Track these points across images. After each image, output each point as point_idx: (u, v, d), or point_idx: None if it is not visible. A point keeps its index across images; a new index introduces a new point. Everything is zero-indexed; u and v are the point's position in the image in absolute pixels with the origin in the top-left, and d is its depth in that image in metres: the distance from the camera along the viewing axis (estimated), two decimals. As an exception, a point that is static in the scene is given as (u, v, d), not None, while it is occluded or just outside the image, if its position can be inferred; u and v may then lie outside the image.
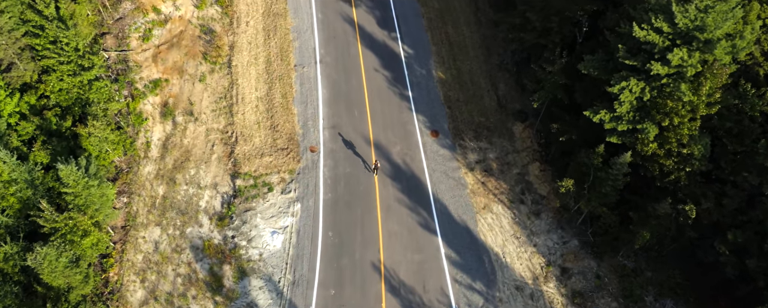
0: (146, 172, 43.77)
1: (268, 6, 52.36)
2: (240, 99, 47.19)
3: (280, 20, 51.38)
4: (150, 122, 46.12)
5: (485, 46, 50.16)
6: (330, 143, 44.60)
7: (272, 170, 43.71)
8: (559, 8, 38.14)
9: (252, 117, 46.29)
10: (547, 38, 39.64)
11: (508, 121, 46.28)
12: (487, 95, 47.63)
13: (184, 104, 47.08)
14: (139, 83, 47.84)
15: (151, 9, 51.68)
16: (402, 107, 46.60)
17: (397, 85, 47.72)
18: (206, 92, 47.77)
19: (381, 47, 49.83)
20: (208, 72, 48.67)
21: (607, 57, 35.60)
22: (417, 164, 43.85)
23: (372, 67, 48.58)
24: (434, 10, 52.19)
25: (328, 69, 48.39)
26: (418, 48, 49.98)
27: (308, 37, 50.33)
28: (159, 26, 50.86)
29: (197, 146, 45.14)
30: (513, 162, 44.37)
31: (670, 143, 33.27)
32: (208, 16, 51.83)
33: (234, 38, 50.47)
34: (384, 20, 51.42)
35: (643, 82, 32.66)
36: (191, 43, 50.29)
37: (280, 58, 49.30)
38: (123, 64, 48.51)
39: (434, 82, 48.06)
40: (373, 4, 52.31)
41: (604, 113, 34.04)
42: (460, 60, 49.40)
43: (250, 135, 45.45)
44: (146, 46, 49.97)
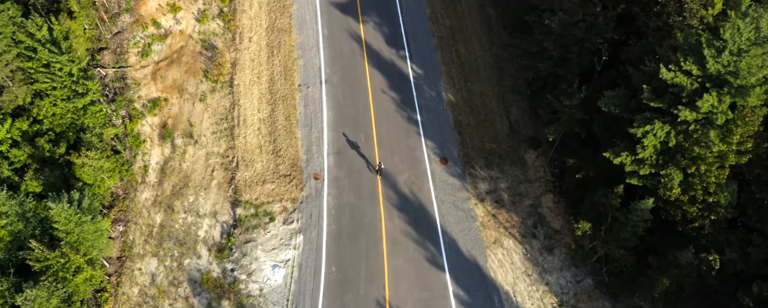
0: (143, 198, 42.13)
1: (272, 21, 50.33)
2: (241, 121, 45.38)
3: (284, 36, 49.38)
4: (148, 144, 44.41)
5: (498, 66, 48.08)
6: (335, 170, 42.81)
7: (274, 198, 42.00)
8: (579, 38, 36.05)
9: (254, 141, 44.51)
10: (564, 68, 37.61)
11: (521, 148, 44.34)
12: (499, 120, 45.66)
13: (183, 126, 45.32)
14: (138, 102, 46.06)
15: (150, 22, 49.77)
16: (410, 132, 44.71)
17: (405, 108, 45.79)
18: (207, 112, 45.96)
19: (389, 67, 47.83)
20: (208, 91, 46.83)
21: (628, 93, 33.60)
22: (425, 194, 42.05)
23: (379, 88, 46.62)
24: (445, 28, 50.05)
25: (334, 90, 46.47)
26: (427, 68, 47.96)
27: (313, 55, 48.35)
28: (159, 41, 48.96)
29: (197, 171, 43.44)
30: (525, 193, 42.51)
31: (695, 190, 31.36)
32: (210, 30, 49.87)
33: (236, 55, 48.55)
34: (392, 38, 49.35)
35: (669, 125, 30.67)
36: (192, 59, 48.41)
37: (283, 77, 47.37)
38: (121, 82, 46.72)
39: (444, 105, 46.10)
40: (381, 21, 50.22)
41: (625, 156, 32.10)
42: (471, 81, 47.37)
43: (252, 160, 43.69)
44: (145, 63, 48.13)
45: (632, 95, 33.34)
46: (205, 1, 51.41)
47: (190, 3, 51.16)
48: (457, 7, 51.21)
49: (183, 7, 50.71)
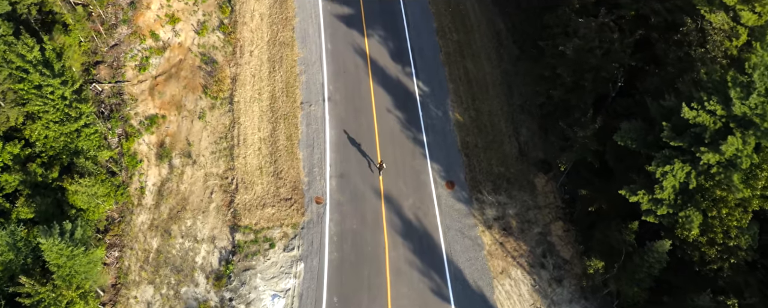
0: (140, 222, 40.83)
1: (273, 34, 48.66)
2: (241, 140, 43.91)
3: (286, 50, 47.74)
4: (145, 164, 43.03)
5: (507, 83, 46.38)
6: (337, 194, 41.38)
7: (274, 223, 40.63)
8: (594, 65, 34.35)
9: (254, 161, 43.06)
10: (577, 96, 35.95)
11: (530, 172, 42.79)
12: (507, 141, 44.07)
13: (181, 145, 43.89)
14: (135, 119, 44.62)
15: (148, 34, 48.20)
16: (415, 154, 43.19)
17: (410, 128, 44.23)
18: (206, 130, 44.49)
19: (394, 84, 46.20)
20: (208, 108, 45.33)
21: (646, 126, 31.96)
22: (430, 221, 40.62)
23: (384, 106, 45.04)
24: (453, 43, 48.31)
25: (337, 108, 44.91)
26: (434, 85, 46.30)
27: (316, 70, 46.73)
28: (157, 54, 47.42)
29: (195, 193, 42.07)
30: (534, 220, 41.03)
31: (714, 233, 29.84)
32: (210, 43, 48.27)
33: (237, 70, 46.97)
34: (398, 53, 47.67)
35: (689, 165, 29.07)
36: (191, 74, 46.87)
37: (285, 94, 45.81)
38: (117, 98, 45.25)
39: (451, 124, 44.50)
40: (386, 35, 48.50)
41: (642, 195, 30.55)
42: (479, 100, 45.72)
43: (252, 182, 42.29)
44: (143, 77, 46.63)
45: (650, 127, 31.72)
46: (205, 11, 49.77)
47: (189, 14, 49.53)
48: (466, 20, 49.44)
49: (182, 18, 49.10)
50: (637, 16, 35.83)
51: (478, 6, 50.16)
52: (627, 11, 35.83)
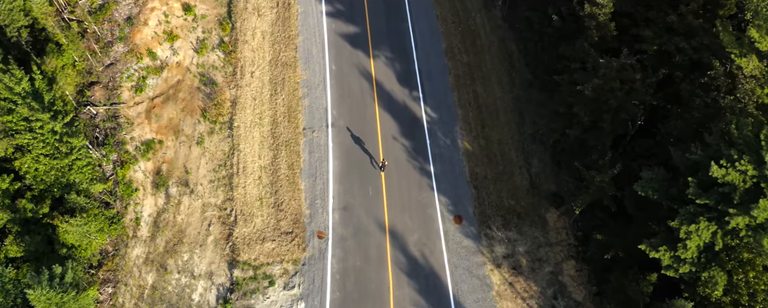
0: (135, 256, 39.28)
1: (275, 53, 46.69)
2: (241, 168, 42.17)
3: (288, 72, 45.80)
4: (140, 193, 41.38)
5: (518, 110, 44.40)
6: (340, 229, 39.70)
7: (275, 259, 39.03)
8: (615, 106, 32.37)
9: (254, 192, 41.35)
10: (595, 136, 34.00)
11: (541, 206, 40.97)
12: (518, 172, 42.21)
13: (179, 172, 42.19)
14: (130, 144, 42.90)
15: (146, 53, 46.31)
16: (422, 185, 41.39)
17: (417, 157, 42.39)
18: (204, 157, 42.76)
19: (401, 109, 44.27)
20: (206, 133, 43.56)
21: (669, 176, 30.06)
22: (437, 258, 38.96)
23: (390, 133, 43.16)
24: (463, 65, 46.25)
25: (341, 135, 43.06)
26: (442, 111, 44.36)
27: (320, 93, 44.81)
28: (154, 74, 45.59)
29: (192, 225, 40.45)
30: (545, 258, 39.32)
31: (739, 294, 28.06)
32: (209, 63, 46.36)
33: (237, 92, 45.09)
34: (405, 75, 45.66)
35: (715, 224, 27.22)
36: (189, 96, 45.03)
37: (287, 118, 43.96)
38: (112, 122, 43.49)
39: (460, 154, 42.63)
40: (393, 56, 46.47)
41: (663, 251, 28.74)
42: (489, 127, 43.79)
43: (251, 214, 40.61)
44: (139, 99, 44.82)
45: (673, 178, 29.82)
46: (205, 28, 47.79)
47: (188, 31, 47.57)
48: (476, 41, 47.33)
49: (181, 36, 47.16)
50: (659, 52, 33.76)
51: (489, 25, 48.01)
52: (649, 46, 33.75)
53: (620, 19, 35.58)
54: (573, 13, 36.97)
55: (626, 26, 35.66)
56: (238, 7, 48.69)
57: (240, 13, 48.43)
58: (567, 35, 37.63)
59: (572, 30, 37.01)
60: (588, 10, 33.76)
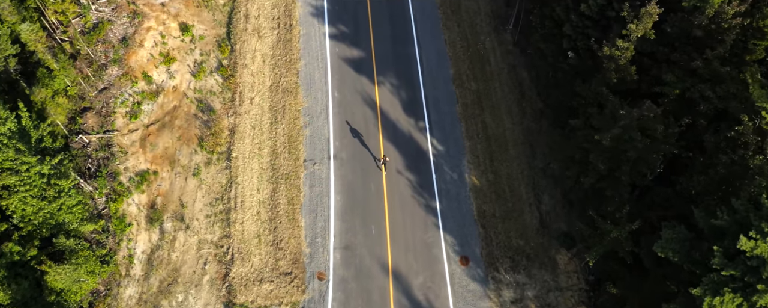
0: (127, 296, 37.75)
1: (276, 78, 44.77)
2: (239, 203, 40.46)
3: (289, 99, 43.90)
4: (134, 228, 39.77)
5: (529, 142, 42.47)
6: (341, 270, 38.07)
7: (272, 301, 37.45)
8: (634, 157, 30.45)
9: (252, 228, 39.68)
10: (611, 186, 32.11)
11: (552, 247, 39.21)
12: (528, 210, 40.40)
13: (174, 206, 40.52)
14: (124, 175, 41.21)
15: (141, 76, 44.47)
16: (427, 224, 39.66)
17: (423, 193, 40.59)
18: (200, 190, 41.05)
19: (406, 140, 42.40)
20: (203, 164, 41.81)
21: (691, 236, 28.22)
22: (442, 303, 37.31)
23: (395, 167, 41.34)
24: (471, 93, 44.25)
25: (344, 168, 41.27)
26: (449, 143, 42.47)
27: (322, 123, 42.93)
28: (149, 100, 43.77)
29: (187, 263, 38.86)
30: (555, 304, 37.63)
31: (765, 369, 26.30)
32: (207, 87, 44.49)
33: (235, 120, 43.26)
34: (411, 104, 43.72)
35: (741, 296, 25.44)
36: (186, 123, 43.23)
37: (287, 149, 42.14)
38: (105, 151, 41.77)
39: (467, 190, 40.81)
40: (399, 83, 44.49)
41: (685, 321, 27.02)
42: (498, 160, 41.91)
43: (249, 252, 38.98)
44: (134, 126, 43.06)
45: (695, 239, 27.99)
46: (203, 50, 45.86)
47: (185, 53, 45.66)
48: (486, 67, 45.31)
49: (178, 58, 45.27)
50: (682, 96, 31.75)
51: (499, 50, 45.93)
52: (671, 89, 31.74)
53: (641, 58, 33.54)
54: (590, 48, 34.90)
55: (647, 66, 33.63)
56: (237, 27, 46.72)
57: (239, 34, 46.46)
58: (583, 72, 35.62)
59: (589, 67, 34.98)
60: (607, 51, 31.71)
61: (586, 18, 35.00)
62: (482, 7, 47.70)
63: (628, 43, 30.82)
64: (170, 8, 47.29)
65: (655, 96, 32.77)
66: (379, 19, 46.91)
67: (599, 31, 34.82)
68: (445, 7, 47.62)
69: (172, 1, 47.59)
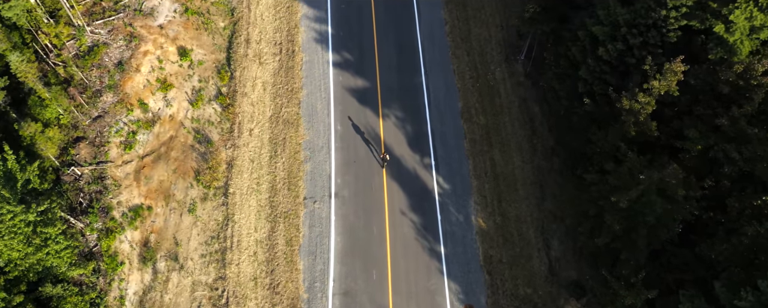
0: (118, 341, 36.39)
1: (277, 108, 42.98)
2: (235, 243, 38.89)
3: (290, 131, 42.13)
4: (126, 267, 38.28)
5: (538, 183, 40.63)
6: (340, 318, 36.56)
7: (268, 350, 36.03)
8: (652, 222, 28.61)
9: (248, 270, 38.13)
10: (627, 248, 30.29)
11: (560, 297, 37.51)
12: (536, 256, 38.65)
13: (168, 244, 38.99)
14: (117, 209, 39.67)
15: (137, 103, 42.80)
16: (431, 269, 37.98)
17: (427, 236, 38.89)
18: (195, 228, 39.48)
19: (411, 178, 40.62)
20: (199, 199, 40.20)
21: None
22: (444, 355, 35.83)
23: (398, 207, 39.62)
24: (479, 127, 42.35)
25: (345, 207, 39.58)
26: (456, 181, 40.67)
27: (323, 158, 41.19)
28: (145, 129, 42.12)
29: (180, 306, 37.38)
30: (563, 358, 36.08)
31: None
32: (205, 117, 42.77)
33: (234, 153, 41.57)
34: (417, 139, 41.88)
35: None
36: (182, 155, 41.57)
37: (287, 186, 40.47)
38: (98, 184, 40.20)
39: (473, 233, 39.07)
40: (405, 116, 42.62)
41: None
42: (506, 201, 40.11)
43: (245, 296, 37.45)
44: (128, 157, 41.44)
45: (716, 312, 26.25)
46: (202, 77, 44.09)
47: (183, 79, 43.91)
48: (495, 99, 43.36)
49: (175, 85, 43.54)
50: (704, 153, 29.82)
51: (510, 82, 43.94)
52: (693, 146, 29.81)
53: (662, 107, 31.55)
54: (607, 94, 32.92)
55: (668, 117, 31.67)
56: (237, 53, 44.89)
57: (240, 60, 44.64)
58: (599, 119, 33.68)
59: (606, 114, 33.03)
60: (626, 105, 29.76)
61: (603, 62, 33.01)
62: (493, 35, 45.65)
63: (650, 98, 28.86)
64: (168, 31, 45.49)
65: (676, 150, 30.85)
66: (386, 46, 44.96)
67: (618, 77, 32.85)
68: (455, 35, 45.60)
69: (171, 23, 45.77)
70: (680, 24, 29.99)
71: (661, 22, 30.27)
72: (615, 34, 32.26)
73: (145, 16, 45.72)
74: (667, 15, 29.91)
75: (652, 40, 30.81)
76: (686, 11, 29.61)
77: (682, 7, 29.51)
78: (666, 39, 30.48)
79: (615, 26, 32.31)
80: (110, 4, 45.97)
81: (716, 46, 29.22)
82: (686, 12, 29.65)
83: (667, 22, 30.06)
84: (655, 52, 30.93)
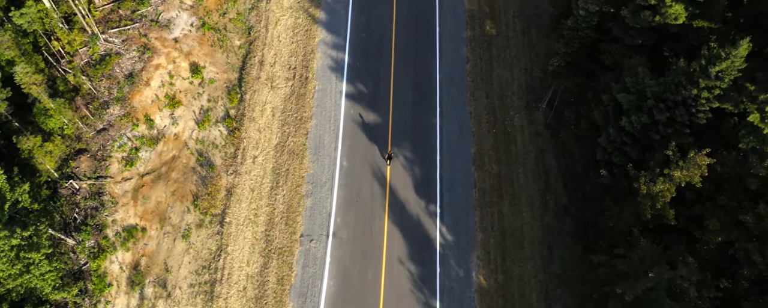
0: (96, 367, 35.65)
1: (283, 137, 41.64)
2: (225, 275, 37.79)
3: (294, 162, 40.78)
4: (114, 289, 37.50)
5: (547, 243, 38.67)
6: (323, 367, 35.28)
7: None
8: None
9: (235, 306, 36.98)
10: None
11: (557, 368, 35.72)
12: (536, 321, 36.86)
13: (158, 269, 38.07)
14: (111, 228, 38.90)
15: (142, 118, 41.91)
16: (423, 325, 36.48)
17: (423, 288, 37.29)
18: (188, 255, 38.48)
19: (413, 225, 38.99)
20: (195, 225, 39.18)
21: None
22: None
23: (397, 254, 38.07)
24: (491, 177, 40.47)
25: (342, 249, 38.15)
26: (459, 232, 38.93)
27: (325, 194, 39.78)
28: (148, 146, 41.22)
29: (163, 337, 36.51)
30: None
31: None
32: (210, 139, 41.66)
33: (235, 180, 40.40)
34: (424, 184, 40.17)
35: None
36: (183, 177, 40.56)
37: (285, 220, 39.19)
38: (95, 200, 39.46)
39: (472, 291, 37.34)
40: (414, 157, 40.95)
41: None
42: (510, 260, 38.26)
43: (229, 334, 36.41)
44: (128, 174, 40.61)
45: None
46: (211, 96, 42.96)
47: (192, 97, 42.85)
48: (511, 148, 41.40)
49: (183, 103, 42.51)
50: (723, 247, 27.67)
51: (528, 130, 41.91)
52: (713, 237, 27.67)
53: (683, 190, 29.36)
54: (625, 167, 30.85)
55: (690, 200, 29.49)
56: (250, 74, 43.62)
57: (251, 82, 43.36)
58: (615, 191, 31.61)
59: (622, 189, 30.97)
60: (644, 189, 27.70)
61: (625, 134, 30.92)
62: (516, 78, 43.61)
63: (670, 185, 26.78)
64: (183, 45, 44.41)
65: (693, 239, 28.73)
66: (402, 80, 43.25)
67: (639, 151, 30.75)
68: (476, 74, 43.67)
69: (186, 38, 44.68)
70: (712, 106, 27.78)
71: (691, 101, 28.09)
72: (641, 105, 30.15)
73: (161, 28, 44.71)
74: (699, 95, 27.72)
75: (680, 118, 28.66)
76: (720, 93, 27.39)
77: (715, 89, 27.29)
78: (695, 119, 28.29)
79: (641, 96, 30.19)
80: (128, 12, 45.05)
81: (748, 135, 26.98)
82: (720, 94, 27.44)
83: (697, 102, 27.87)
84: (682, 131, 28.78)
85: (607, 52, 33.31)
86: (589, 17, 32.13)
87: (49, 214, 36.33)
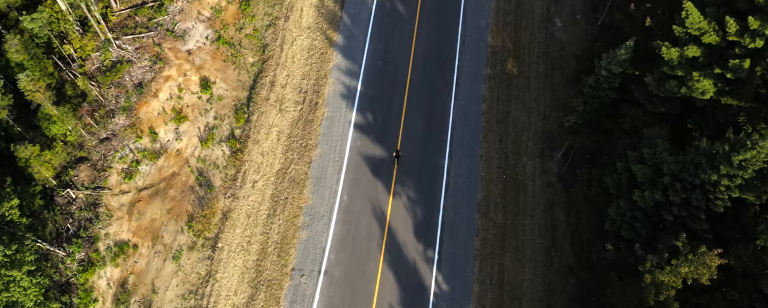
0: None
1: (286, 163, 40.53)
2: (212, 303, 36.95)
3: (294, 191, 39.65)
4: (99, 305, 36.95)
5: (547, 302, 36.96)
6: None
7: None
8: None
9: (218, 336, 36.21)
10: None
11: None
12: None
13: (145, 289, 37.40)
14: (103, 241, 38.34)
15: (147, 131, 41.23)
16: (407, 377, 35.18)
17: (410, 338, 36.03)
18: (176, 277, 37.73)
19: (408, 270, 37.59)
20: (186, 247, 38.39)
21: None
22: None
23: (388, 301, 36.73)
24: (495, 226, 38.82)
25: (332, 288, 36.99)
26: (456, 284, 37.42)
27: (322, 229, 38.60)
28: (149, 160, 40.50)
29: (142, 361, 35.87)
30: None
31: None
32: (212, 158, 40.77)
33: (232, 203, 39.46)
34: (424, 227, 38.72)
35: None
36: (180, 195, 39.78)
37: (278, 251, 38.14)
38: (90, 212, 38.93)
39: (461, 346, 35.96)
40: (417, 198, 39.50)
41: None
42: (505, 316, 36.73)
43: (208, 365, 35.61)
44: (126, 187, 39.99)
45: None
46: (218, 114, 42.05)
47: (199, 113, 41.99)
48: (519, 197, 39.66)
49: (189, 118, 41.69)
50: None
51: (539, 180, 40.10)
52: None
53: (691, 277, 27.42)
54: (633, 243, 29.03)
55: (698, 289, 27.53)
56: (259, 94, 42.55)
57: (260, 102, 42.29)
58: (620, 268, 29.80)
59: (628, 267, 29.13)
60: (648, 278, 25.88)
61: (637, 208, 29.04)
62: (532, 123, 41.77)
63: (676, 278, 24.94)
64: (196, 58, 43.53)
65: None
66: (414, 115, 41.75)
67: (649, 227, 28.87)
68: (491, 115, 41.94)
69: (200, 50, 43.80)
70: (732, 195, 25.78)
71: (710, 187, 26.12)
72: (656, 181, 28.24)
73: (176, 38, 43.88)
74: (718, 181, 25.75)
75: (696, 202, 26.71)
76: (741, 183, 25.38)
77: (737, 178, 25.29)
78: (712, 206, 26.33)
79: (658, 171, 28.28)
80: (144, 19, 44.31)
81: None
82: (741, 184, 25.42)
83: (716, 189, 25.90)
84: (697, 216, 26.82)
85: (627, 116, 31.41)
86: (611, 78, 30.23)
87: (42, 223, 35.84)
